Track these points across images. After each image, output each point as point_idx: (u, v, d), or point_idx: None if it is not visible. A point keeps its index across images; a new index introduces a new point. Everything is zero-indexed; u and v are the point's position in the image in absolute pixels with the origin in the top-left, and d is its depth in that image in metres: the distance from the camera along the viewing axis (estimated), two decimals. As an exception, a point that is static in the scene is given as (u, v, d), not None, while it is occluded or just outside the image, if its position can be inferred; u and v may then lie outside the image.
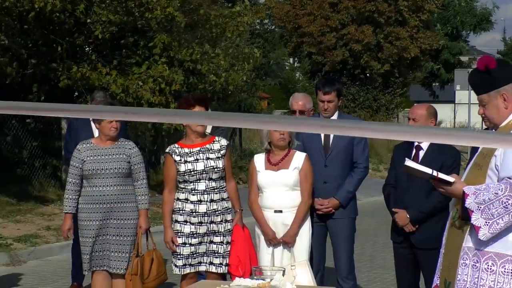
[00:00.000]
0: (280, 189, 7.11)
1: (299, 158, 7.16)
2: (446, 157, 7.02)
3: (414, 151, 7.14)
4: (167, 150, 7.19)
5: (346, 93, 34.10)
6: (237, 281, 5.70)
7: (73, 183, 7.58)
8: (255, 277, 5.62)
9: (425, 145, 7.12)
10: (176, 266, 7.11)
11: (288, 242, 7.07)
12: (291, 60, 44.19)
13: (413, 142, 7.19)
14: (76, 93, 16.19)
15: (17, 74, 14.78)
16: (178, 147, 7.12)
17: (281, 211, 7.10)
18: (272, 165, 7.15)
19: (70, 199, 7.59)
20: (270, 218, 7.12)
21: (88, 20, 14.60)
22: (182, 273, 7.12)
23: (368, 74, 36.28)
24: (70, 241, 9.08)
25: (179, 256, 7.08)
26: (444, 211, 6.82)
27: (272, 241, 7.08)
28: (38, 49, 15.27)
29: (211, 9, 16.43)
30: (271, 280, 5.63)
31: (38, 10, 13.58)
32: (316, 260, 7.45)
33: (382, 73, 35.52)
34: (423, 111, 7.15)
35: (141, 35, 15.79)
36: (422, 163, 6.26)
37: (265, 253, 7.14)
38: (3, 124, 15.99)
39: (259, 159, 7.24)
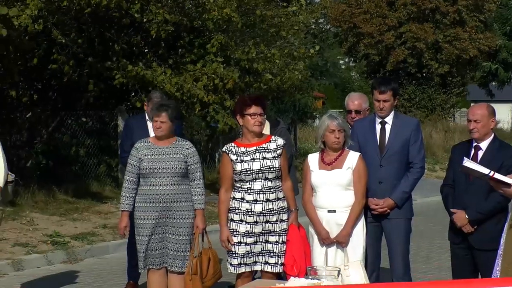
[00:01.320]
0: (334, 189, 7.08)
1: (352, 157, 7.13)
2: (506, 157, 6.92)
3: (473, 151, 7.06)
4: (223, 149, 7.20)
5: (402, 93, 33.79)
6: (292, 280, 5.67)
7: (130, 181, 7.64)
8: (310, 277, 5.59)
9: (484, 145, 7.04)
10: (231, 265, 7.12)
11: (341, 242, 7.04)
12: (346, 59, 44.00)
13: (471, 142, 7.11)
14: (133, 93, 16.31)
15: (74, 73, 14.95)
16: (234, 146, 7.12)
17: (334, 211, 7.08)
18: (326, 164, 7.13)
19: (127, 197, 7.65)
20: (323, 218, 7.10)
21: (144, 19, 14.70)
22: (238, 272, 7.12)
23: (425, 74, 35.91)
24: (126, 239, 9.15)
25: (234, 255, 7.09)
26: (504, 212, 6.74)
27: (326, 241, 7.07)
28: (94, 48, 15.43)
29: (267, 9, 16.43)
30: (325, 280, 5.60)
31: (94, 6, 13.71)
32: (371, 260, 7.41)
33: (440, 73, 35.12)
34: (484, 110, 7.04)
35: (197, 35, 15.87)
36: (481, 163, 6.19)
37: (318, 252, 7.12)
38: (60, 123, 16.19)
39: (313, 159, 7.22)
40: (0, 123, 15.48)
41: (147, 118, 9.00)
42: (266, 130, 7.91)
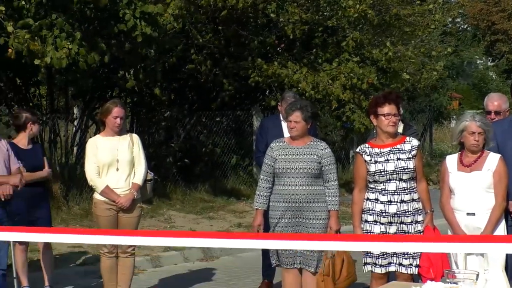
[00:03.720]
0: (473, 191, 6.95)
1: (492, 159, 6.97)
2: None
3: None
4: (357, 150, 7.17)
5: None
6: (429, 283, 5.58)
7: (265, 180, 7.70)
8: (447, 280, 5.49)
9: None
10: (366, 265, 7.09)
11: (481, 245, 6.89)
12: (483, 59, 42.97)
13: None
14: (267, 92, 16.44)
15: (210, 73, 15.20)
16: (368, 147, 7.08)
17: (473, 214, 6.94)
18: (465, 166, 7.00)
19: (261, 196, 7.71)
20: (462, 221, 6.98)
21: (281, 19, 14.81)
22: (372, 273, 7.08)
23: None
24: (260, 238, 9.21)
25: (369, 255, 7.05)
26: None
27: (465, 244, 6.93)
28: (230, 48, 15.64)
29: (402, 8, 16.26)
30: (463, 284, 5.49)
31: (230, 8, 13.92)
32: (512, 264, 7.22)
33: None
34: None
35: (331, 33, 15.86)
36: None
37: (457, 256, 6.99)
38: (196, 122, 16.48)
39: (451, 160, 7.10)
40: (139, 122, 15.91)
41: (281, 118, 9.06)
42: (400, 130, 7.83)
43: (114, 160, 8.11)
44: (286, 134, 8.36)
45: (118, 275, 8.32)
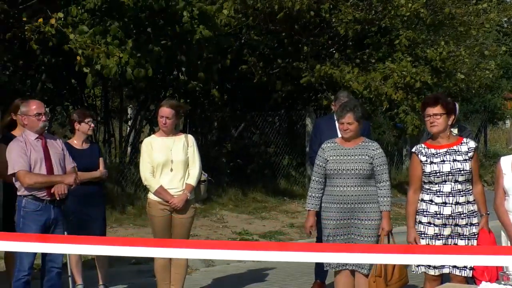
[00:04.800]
0: (528, 193, 6.86)
1: (550, 160, 6.87)
2: None
3: None
4: (413, 150, 7.11)
5: None
6: (483, 285, 5.53)
7: (317, 181, 7.69)
8: (502, 283, 5.43)
9: None
10: (419, 267, 7.04)
11: (537, 248, 6.80)
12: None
13: None
14: (319, 93, 16.42)
15: (263, 73, 15.24)
16: (424, 148, 7.02)
17: (528, 216, 6.85)
18: (520, 168, 6.91)
19: (314, 197, 7.71)
20: (516, 223, 6.89)
21: (334, 19, 14.80)
22: (426, 275, 7.03)
23: None
24: (313, 239, 9.23)
25: (422, 257, 7.00)
26: None
27: (520, 246, 6.85)
28: (283, 49, 15.66)
29: (456, 7, 16.12)
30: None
31: (286, 10, 13.96)
32: None
33: None
34: None
35: (384, 33, 15.79)
36: None
37: (512, 258, 6.91)
38: (249, 123, 16.53)
39: (506, 162, 7.01)
40: (193, 122, 16.01)
41: (335, 118, 9.03)
42: (455, 132, 7.76)
43: (169, 161, 8.16)
44: (340, 134, 8.33)
45: (171, 275, 8.37)
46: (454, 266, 6.95)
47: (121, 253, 4.71)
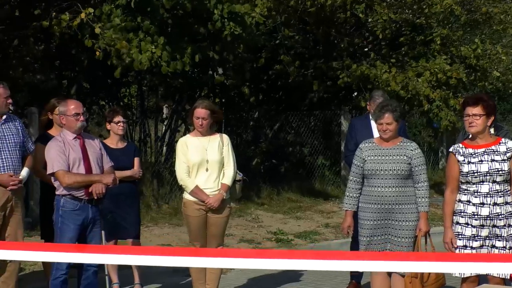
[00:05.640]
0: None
1: None
2: None
3: None
4: (450, 149, 7.06)
5: None
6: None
7: (354, 181, 7.67)
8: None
9: None
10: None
11: None
12: None
13: None
14: (355, 92, 16.38)
15: (299, 73, 15.22)
16: (462, 147, 6.97)
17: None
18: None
19: (351, 197, 7.68)
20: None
21: (369, 19, 14.75)
22: (463, 276, 6.98)
23: None
24: (348, 239, 9.20)
25: (459, 258, 6.95)
26: None
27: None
28: (318, 49, 15.64)
29: (493, 7, 15.99)
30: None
31: (319, 6, 13.93)
32: None
33: None
34: None
35: (419, 32, 15.71)
36: None
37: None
38: (284, 122, 16.52)
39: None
40: (228, 122, 16.03)
41: (370, 118, 9.01)
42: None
43: (204, 160, 8.17)
44: (375, 134, 8.31)
45: (206, 274, 8.39)
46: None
47: (156, 263, 4.74)
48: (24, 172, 7.89)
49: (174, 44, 11.64)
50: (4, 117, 7.90)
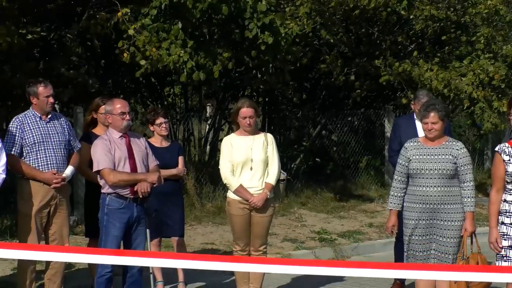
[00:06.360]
0: None
1: None
2: None
3: None
4: (496, 149, 6.99)
5: None
6: None
7: (399, 181, 7.63)
8: None
9: None
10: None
11: None
12: None
13: None
14: (399, 91, 16.27)
15: (342, 72, 15.18)
16: (508, 147, 6.90)
17: None
18: None
19: (395, 196, 7.65)
20: None
21: (411, 17, 14.66)
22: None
23: None
24: (392, 239, 9.16)
25: (504, 258, 6.87)
26: None
27: None
28: (361, 47, 15.57)
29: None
30: None
31: (362, 8, 13.89)
32: None
33: None
34: None
35: (463, 30, 15.57)
36: None
37: None
38: (328, 121, 16.48)
39: None
40: (271, 121, 16.05)
41: (415, 117, 8.97)
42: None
43: (248, 159, 8.18)
44: (420, 133, 8.26)
45: (250, 273, 8.40)
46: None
47: (200, 266, 4.78)
48: (68, 170, 7.96)
49: (206, 49, 11.67)
50: (50, 115, 7.99)
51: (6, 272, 9.46)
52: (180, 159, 8.99)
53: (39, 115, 7.91)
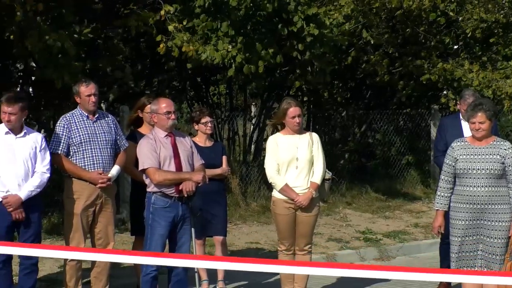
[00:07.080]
0: None
1: None
2: None
3: None
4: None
5: None
6: None
7: (446, 181, 7.56)
8: None
9: None
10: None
11: None
12: None
13: None
14: (444, 91, 16.13)
15: (387, 72, 15.09)
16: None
17: None
18: None
19: (442, 196, 7.58)
20: None
21: (460, 18, 14.53)
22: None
23: None
24: (438, 239, 9.08)
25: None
26: None
27: None
28: (407, 47, 15.46)
29: None
30: None
31: (406, 9, 13.81)
32: None
33: None
34: None
35: (511, 31, 15.40)
36: None
37: None
38: (373, 121, 16.40)
39: None
40: (316, 120, 16.02)
41: (460, 117, 8.89)
42: None
43: (294, 159, 8.17)
44: (466, 133, 8.19)
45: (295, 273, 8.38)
46: None
47: (242, 268, 4.79)
48: (114, 170, 8.00)
49: (251, 46, 11.67)
50: (97, 115, 8.04)
51: (53, 270, 9.55)
52: (224, 159, 9.01)
53: (86, 114, 7.97)
